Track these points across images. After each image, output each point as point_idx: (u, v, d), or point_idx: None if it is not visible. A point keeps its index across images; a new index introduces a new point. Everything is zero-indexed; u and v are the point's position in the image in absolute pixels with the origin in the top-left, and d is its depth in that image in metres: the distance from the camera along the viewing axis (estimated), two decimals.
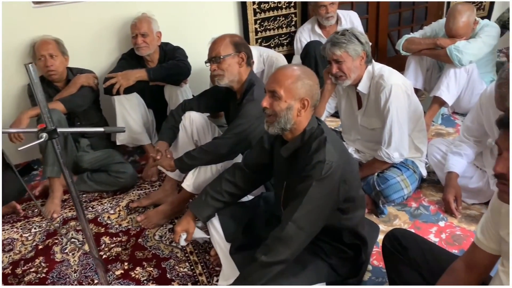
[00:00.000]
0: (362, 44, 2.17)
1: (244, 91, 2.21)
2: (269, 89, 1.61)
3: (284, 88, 1.57)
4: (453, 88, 2.90)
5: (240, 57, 2.18)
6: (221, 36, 2.21)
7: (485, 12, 4.01)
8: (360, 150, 2.53)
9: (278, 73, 1.62)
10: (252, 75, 2.25)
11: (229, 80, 2.20)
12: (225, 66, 2.16)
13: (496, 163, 1.15)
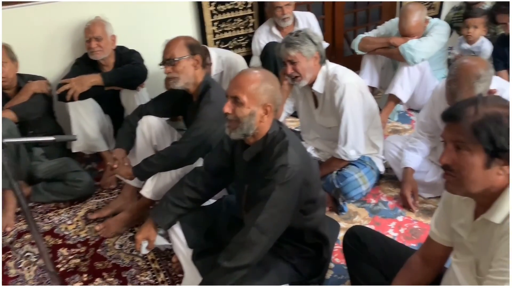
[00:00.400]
0: (316, 44, 2.21)
1: (200, 94, 2.19)
2: (231, 95, 1.59)
3: (246, 94, 1.55)
4: (407, 86, 2.98)
5: (195, 59, 2.15)
6: (175, 38, 2.18)
7: (436, 11, 4.15)
8: (319, 149, 2.56)
9: (240, 78, 1.60)
10: (208, 77, 2.24)
11: (185, 82, 2.17)
12: (180, 68, 2.13)
13: (442, 154, 1.19)
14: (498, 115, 1.12)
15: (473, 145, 1.13)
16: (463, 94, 1.92)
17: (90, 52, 2.80)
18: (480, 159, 1.13)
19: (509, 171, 1.15)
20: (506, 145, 1.11)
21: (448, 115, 1.19)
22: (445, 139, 1.20)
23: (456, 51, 3.32)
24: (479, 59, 2.03)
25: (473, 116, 1.13)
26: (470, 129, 1.13)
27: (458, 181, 1.17)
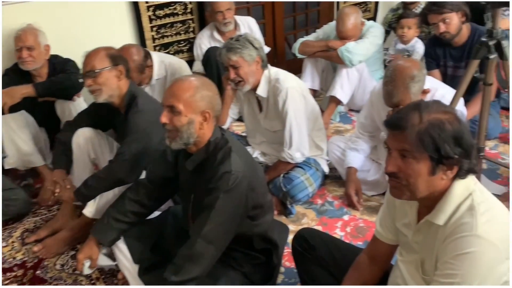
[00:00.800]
0: (257, 49, 2.21)
1: (127, 105, 2.09)
2: (166, 104, 1.54)
3: (183, 102, 1.52)
4: (347, 87, 3.07)
5: (118, 70, 2.06)
6: (95, 49, 2.08)
7: (371, 13, 4.31)
8: (266, 153, 2.57)
9: (175, 86, 1.56)
10: (133, 86, 2.14)
11: (108, 95, 2.07)
12: (102, 80, 2.03)
13: (387, 163, 1.20)
14: (441, 123, 1.13)
15: (419, 154, 1.13)
16: (399, 95, 2.00)
17: (20, 62, 2.63)
18: (425, 167, 1.14)
19: (451, 176, 1.18)
20: (450, 152, 1.12)
21: (392, 124, 1.19)
22: (390, 147, 1.20)
23: (392, 51, 3.46)
24: (412, 61, 2.12)
25: (417, 125, 1.13)
26: (416, 138, 1.13)
27: (404, 187, 1.19)
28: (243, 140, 2.67)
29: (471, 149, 1.16)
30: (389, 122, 1.21)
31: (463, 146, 1.14)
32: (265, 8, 3.76)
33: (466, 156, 1.15)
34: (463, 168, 1.16)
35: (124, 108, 2.11)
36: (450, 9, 2.61)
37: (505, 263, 1.13)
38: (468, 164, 1.17)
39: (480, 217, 1.13)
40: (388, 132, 1.21)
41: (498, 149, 2.79)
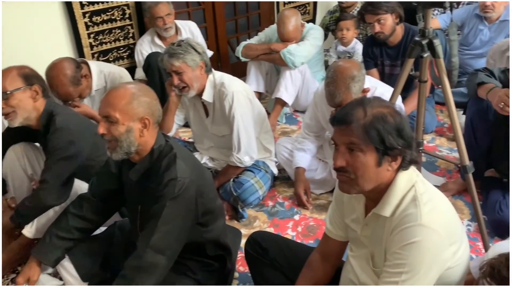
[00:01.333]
0: (200, 54, 2.19)
1: (45, 125, 1.95)
2: (102, 114, 1.49)
3: (119, 110, 1.46)
4: (291, 89, 3.11)
5: (33, 90, 1.91)
6: (6, 68, 1.92)
7: (310, 16, 4.40)
8: (215, 158, 2.55)
9: (110, 95, 1.50)
10: (49, 105, 1.98)
11: (24, 118, 1.92)
12: (15, 102, 1.87)
13: (335, 158, 1.23)
14: (384, 115, 1.19)
15: (366, 146, 1.18)
16: (341, 95, 2.05)
17: None
18: (372, 159, 1.19)
19: (396, 167, 1.23)
20: (394, 143, 1.18)
21: (338, 119, 1.23)
22: (337, 142, 1.24)
23: (333, 53, 3.56)
24: (352, 61, 2.19)
25: (363, 118, 1.19)
26: (362, 130, 1.18)
27: (353, 181, 1.22)
28: (191, 146, 2.63)
29: (412, 141, 1.23)
30: (336, 118, 1.25)
31: (404, 137, 1.20)
32: (206, 11, 3.74)
33: (408, 147, 1.22)
34: (406, 159, 1.23)
35: (43, 129, 1.96)
36: (385, 10, 2.73)
37: (448, 249, 1.19)
38: (410, 155, 1.24)
39: (423, 207, 1.18)
40: (335, 128, 1.25)
41: (435, 142, 2.94)
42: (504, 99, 1.89)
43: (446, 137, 2.95)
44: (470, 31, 3.39)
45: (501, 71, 2.17)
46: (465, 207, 2.32)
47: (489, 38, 3.30)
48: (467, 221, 2.24)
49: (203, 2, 3.69)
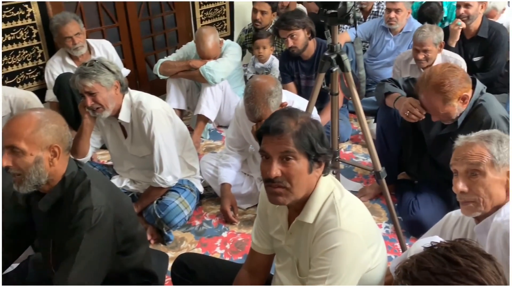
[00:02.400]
0: (114, 73, 2.12)
1: None
2: (6, 145, 1.37)
3: (24, 140, 1.36)
4: (213, 105, 3.11)
5: None
6: None
7: (228, 32, 4.46)
8: (136, 180, 2.46)
9: (13, 124, 1.40)
10: None
11: None
12: None
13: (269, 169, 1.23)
14: (309, 123, 1.25)
15: (299, 153, 1.22)
16: (260, 110, 2.09)
17: None
18: (305, 165, 1.23)
19: (320, 173, 1.28)
20: (321, 149, 1.24)
21: (273, 129, 1.24)
22: (270, 153, 1.24)
23: (251, 69, 3.63)
24: (268, 77, 2.24)
25: (295, 127, 1.23)
26: (296, 138, 1.21)
27: (288, 191, 1.24)
28: (110, 170, 2.52)
29: (329, 147, 1.31)
30: (270, 128, 1.25)
31: (325, 144, 1.27)
32: (121, 29, 3.64)
33: (329, 152, 1.29)
34: (328, 164, 1.30)
35: None
36: (296, 26, 2.84)
37: (367, 251, 1.25)
38: (330, 161, 1.31)
39: (342, 213, 1.24)
40: (267, 139, 1.26)
41: (351, 150, 3.09)
42: (409, 108, 2.04)
43: (361, 144, 3.12)
44: (377, 43, 3.64)
45: (405, 81, 2.34)
46: (382, 210, 2.45)
47: (394, 48, 3.57)
48: (385, 223, 2.36)
49: (117, 20, 3.60)
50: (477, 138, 1.37)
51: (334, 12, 1.72)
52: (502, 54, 3.20)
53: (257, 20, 3.69)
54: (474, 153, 1.34)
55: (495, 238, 1.31)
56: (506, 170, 1.34)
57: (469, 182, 1.35)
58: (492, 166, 1.33)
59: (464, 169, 1.36)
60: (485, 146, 1.34)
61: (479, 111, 1.97)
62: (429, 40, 2.81)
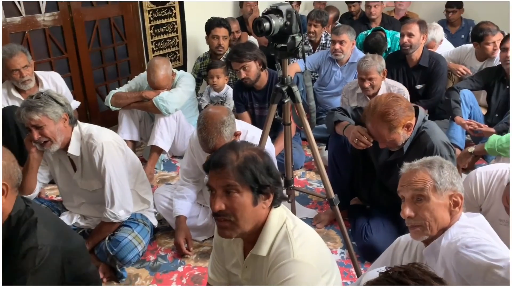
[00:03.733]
0: (62, 105, 2.07)
1: None
2: None
3: None
4: (166, 135, 3.09)
5: None
6: None
7: (181, 62, 4.49)
8: (87, 216, 2.37)
9: None
10: None
11: None
12: None
13: (213, 203, 1.25)
14: (254, 156, 1.27)
15: (242, 187, 1.23)
16: (214, 140, 2.09)
17: None
18: (248, 198, 1.24)
19: (269, 204, 1.29)
20: (266, 181, 1.25)
21: (214, 163, 1.26)
22: (213, 187, 1.26)
23: (206, 98, 3.65)
24: (221, 108, 2.26)
25: (236, 160, 1.24)
26: (237, 171, 1.23)
27: (233, 224, 1.25)
28: (59, 206, 2.42)
29: (279, 178, 1.32)
30: (211, 162, 1.28)
31: (273, 175, 1.29)
32: (70, 60, 3.58)
33: (278, 184, 1.30)
34: (277, 195, 1.31)
35: None
36: (248, 58, 2.91)
37: (321, 280, 1.27)
38: (280, 192, 1.32)
39: (295, 243, 1.25)
40: (210, 173, 1.28)
41: (305, 177, 3.15)
42: (357, 136, 2.12)
43: (315, 171, 3.18)
44: (325, 73, 3.78)
45: (353, 110, 2.44)
46: (337, 236, 2.49)
47: (342, 78, 3.72)
48: (340, 249, 2.40)
49: (66, 51, 3.53)
50: (420, 164, 1.45)
51: (283, 46, 1.79)
52: (442, 83, 3.42)
53: (220, 45, 3.74)
54: (418, 179, 1.42)
55: (446, 262, 1.37)
56: (448, 194, 1.42)
57: (415, 207, 1.41)
58: (435, 190, 1.40)
59: (410, 194, 1.42)
60: (427, 172, 1.42)
61: (423, 138, 2.07)
62: (373, 69, 2.96)
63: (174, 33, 4.31)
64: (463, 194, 1.45)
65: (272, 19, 1.71)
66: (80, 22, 3.57)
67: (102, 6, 3.75)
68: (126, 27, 3.95)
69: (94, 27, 3.70)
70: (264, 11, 1.76)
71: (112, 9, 3.83)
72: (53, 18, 3.38)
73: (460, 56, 3.81)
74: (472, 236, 1.35)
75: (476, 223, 1.42)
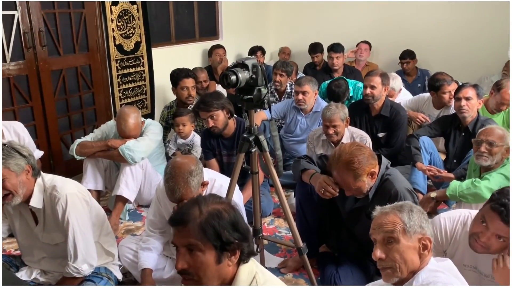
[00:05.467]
0: (25, 157, 2.03)
1: None
2: None
3: None
4: (132, 184, 3.04)
5: None
6: None
7: (148, 110, 4.50)
8: (48, 271, 2.27)
9: None
10: None
11: None
12: None
13: (176, 261, 1.22)
14: (219, 212, 1.25)
15: (204, 245, 1.21)
16: (180, 190, 2.08)
17: None
18: (212, 257, 1.22)
19: (235, 261, 1.27)
20: (230, 237, 1.23)
21: (175, 220, 1.25)
22: (176, 244, 1.24)
23: (173, 146, 3.65)
24: (189, 157, 2.26)
25: (198, 217, 1.22)
26: (198, 229, 1.21)
27: (198, 283, 1.22)
28: (17, 261, 2.31)
29: (248, 233, 1.31)
30: (172, 220, 1.26)
31: (240, 230, 1.27)
32: (35, 109, 3.53)
33: (245, 239, 1.28)
34: (244, 251, 1.29)
35: None
36: (215, 108, 2.97)
37: None
38: (248, 247, 1.30)
39: None
40: (173, 230, 1.26)
41: (274, 224, 3.14)
42: (324, 185, 2.16)
43: (284, 218, 3.18)
44: (291, 121, 3.89)
45: (318, 157, 2.49)
46: (306, 284, 2.47)
47: (307, 126, 3.83)
48: None
49: (31, 100, 3.49)
50: (391, 208, 1.52)
51: (250, 97, 1.85)
52: (402, 132, 3.58)
53: (190, 95, 3.79)
54: (388, 221, 1.47)
55: None
56: (418, 237, 1.47)
57: (385, 249, 1.46)
58: (404, 233, 1.45)
59: (381, 237, 1.47)
60: (397, 215, 1.48)
61: (387, 185, 2.14)
62: (337, 116, 3.07)
63: (142, 81, 4.36)
64: (432, 238, 1.50)
65: (238, 73, 1.78)
66: (47, 71, 3.56)
67: (69, 55, 3.77)
68: (93, 75, 3.97)
69: (60, 75, 3.70)
70: (231, 65, 1.83)
71: (80, 59, 3.85)
72: (19, 67, 3.36)
73: (418, 105, 4.01)
74: (442, 281, 1.39)
75: (445, 268, 1.47)
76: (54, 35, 3.60)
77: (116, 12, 3.97)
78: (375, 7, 5.81)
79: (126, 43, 4.12)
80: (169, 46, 4.83)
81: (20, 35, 3.33)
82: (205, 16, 5.35)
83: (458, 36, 5.45)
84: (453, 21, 5.45)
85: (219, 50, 5.03)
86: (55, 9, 3.58)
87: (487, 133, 2.61)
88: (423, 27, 5.61)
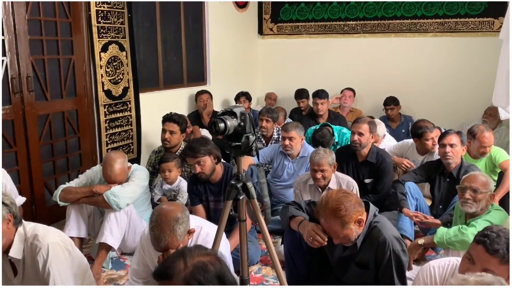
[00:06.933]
0: (7, 205, 1.98)
1: None
2: None
3: None
4: (116, 232, 2.96)
5: None
6: None
7: (135, 154, 4.48)
8: None
9: None
10: None
11: None
12: None
13: None
14: (204, 265, 1.21)
15: None
16: (166, 238, 2.03)
17: None
18: None
19: None
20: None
21: (159, 275, 1.21)
22: None
23: (158, 191, 3.61)
24: (175, 204, 2.23)
25: (183, 271, 1.19)
26: (183, 284, 1.17)
27: None
28: None
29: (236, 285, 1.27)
30: (156, 274, 1.23)
31: (226, 284, 1.23)
32: (19, 154, 3.47)
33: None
34: None
35: None
36: (202, 154, 2.97)
37: None
38: None
39: None
40: (159, 284, 1.22)
41: (261, 272, 3.07)
42: (312, 234, 2.14)
43: (271, 266, 3.12)
44: (278, 166, 3.90)
45: (307, 204, 2.48)
46: None
47: (294, 171, 3.84)
48: None
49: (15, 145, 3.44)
50: None
51: (238, 144, 1.86)
52: (389, 178, 3.61)
53: (166, 139, 3.79)
54: None
55: None
56: None
57: None
58: None
59: None
60: None
61: (375, 233, 2.12)
62: (325, 161, 3.10)
63: (128, 126, 4.36)
64: None
65: (227, 120, 1.80)
66: (33, 116, 3.54)
67: (57, 100, 3.77)
68: (80, 120, 3.96)
69: (47, 120, 3.68)
70: (219, 112, 1.86)
71: (67, 104, 3.86)
72: (4, 112, 3.34)
73: (403, 151, 4.07)
74: None
75: None
76: (42, 80, 3.62)
77: (105, 58, 4.02)
78: (359, 55, 6.02)
79: (115, 89, 4.16)
80: (157, 91, 4.88)
81: (8, 80, 3.33)
82: (193, 62, 5.46)
83: (441, 85, 5.66)
84: (435, 70, 5.67)
85: (203, 96, 5.10)
86: (44, 55, 3.62)
87: (470, 180, 2.65)
88: (406, 75, 5.81)
